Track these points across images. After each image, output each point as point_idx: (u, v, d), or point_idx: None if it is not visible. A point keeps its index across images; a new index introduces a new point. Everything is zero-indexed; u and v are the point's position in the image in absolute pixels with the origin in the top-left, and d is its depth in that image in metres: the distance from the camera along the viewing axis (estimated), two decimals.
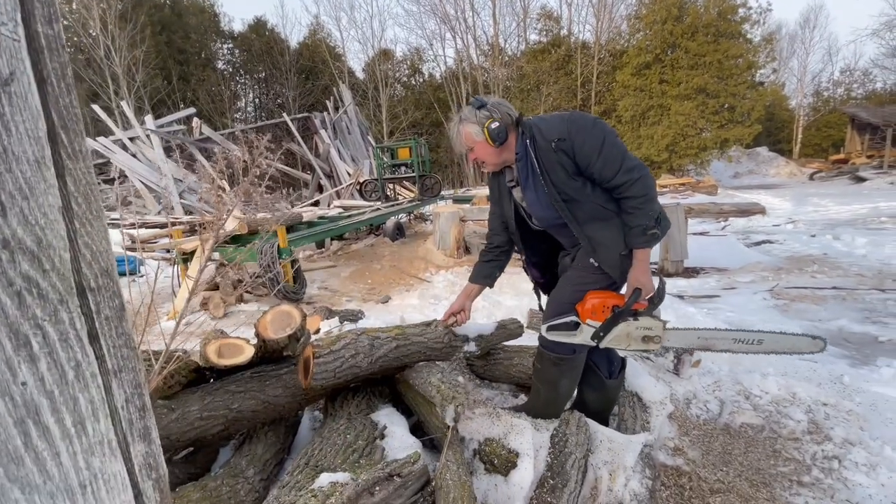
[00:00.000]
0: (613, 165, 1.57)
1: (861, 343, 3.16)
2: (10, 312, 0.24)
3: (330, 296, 5.18)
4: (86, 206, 0.27)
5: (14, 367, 0.24)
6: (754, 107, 19.17)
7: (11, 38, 0.24)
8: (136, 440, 0.30)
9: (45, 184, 0.25)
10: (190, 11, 25.42)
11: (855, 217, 8.70)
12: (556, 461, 1.49)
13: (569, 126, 1.60)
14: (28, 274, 0.24)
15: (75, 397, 0.27)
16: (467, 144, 1.73)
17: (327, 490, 1.10)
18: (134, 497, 0.30)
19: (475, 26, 25.24)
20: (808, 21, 31.94)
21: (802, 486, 1.75)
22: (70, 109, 0.27)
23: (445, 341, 1.93)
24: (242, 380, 1.63)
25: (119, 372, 0.29)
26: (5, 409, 0.24)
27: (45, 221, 0.25)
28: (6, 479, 0.24)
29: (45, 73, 0.26)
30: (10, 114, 0.24)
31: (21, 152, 0.24)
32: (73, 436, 0.27)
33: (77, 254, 0.27)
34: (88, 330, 0.27)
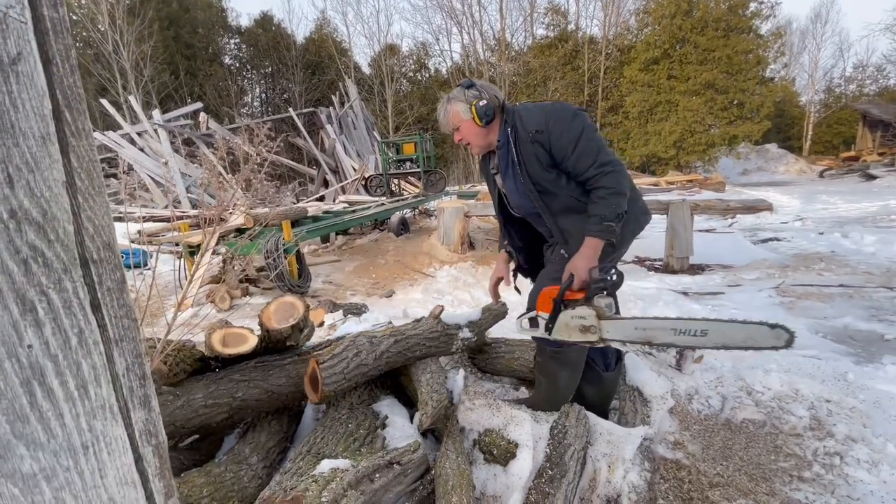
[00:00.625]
0: (587, 159, 1.56)
1: (867, 341, 3.14)
2: (16, 279, 0.25)
3: (334, 290, 5.22)
4: (88, 182, 0.29)
5: (21, 331, 0.25)
6: (764, 103, 18.95)
7: (19, 20, 0.25)
8: (137, 407, 0.32)
9: (49, 159, 0.27)
10: (197, 6, 25.49)
11: (864, 215, 8.60)
12: (554, 452, 1.51)
13: (547, 117, 1.60)
14: (34, 243, 0.26)
15: (78, 362, 0.28)
16: (454, 123, 1.74)
17: (328, 476, 1.12)
18: (134, 461, 0.31)
19: (482, 21, 25.16)
20: (819, 16, 31.49)
21: (803, 481, 1.75)
22: (74, 89, 0.28)
23: (440, 329, 1.97)
24: (246, 369, 1.66)
25: (120, 341, 0.30)
26: (12, 370, 0.25)
27: (49, 194, 0.27)
28: (12, 436, 0.26)
29: (51, 55, 0.27)
30: (17, 91, 0.25)
31: (27, 128, 0.26)
32: (76, 398, 0.28)
33: (80, 227, 0.28)
34: (91, 300, 0.29)
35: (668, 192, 13.77)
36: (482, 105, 1.65)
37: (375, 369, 1.67)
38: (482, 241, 6.88)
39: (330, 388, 1.49)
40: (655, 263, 5.77)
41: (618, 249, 1.77)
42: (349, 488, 1.10)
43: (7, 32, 0.25)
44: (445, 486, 1.23)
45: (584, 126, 1.58)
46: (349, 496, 1.08)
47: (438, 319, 2.05)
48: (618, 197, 1.56)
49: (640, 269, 5.61)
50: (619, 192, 1.56)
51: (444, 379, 1.82)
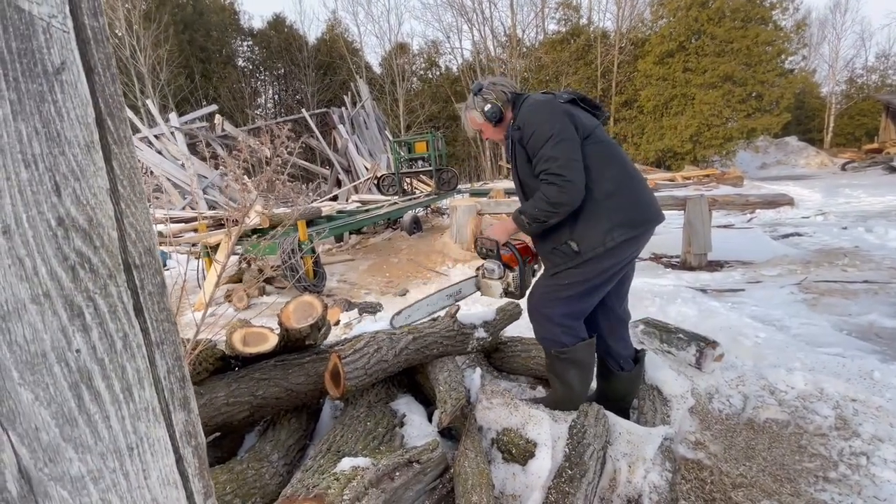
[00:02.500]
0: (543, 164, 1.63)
1: (893, 338, 3.05)
2: (65, 284, 0.26)
3: (349, 289, 5.26)
4: (130, 189, 0.29)
5: (69, 336, 0.26)
6: (783, 94, 18.48)
7: (62, 29, 0.26)
8: (178, 408, 0.32)
9: (94, 167, 0.27)
10: (211, 10, 25.85)
11: (889, 208, 8.34)
12: (574, 452, 1.49)
13: (526, 119, 1.69)
14: (81, 250, 0.26)
15: (123, 366, 0.29)
16: (474, 128, 1.93)
17: (349, 474, 1.13)
18: (175, 461, 0.32)
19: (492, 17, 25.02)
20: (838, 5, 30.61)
21: (828, 482, 1.71)
22: (115, 98, 0.28)
23: (456, 329, 2.02)
24: (266, 368, 1.68)
25: (161, 344, 0.31)
26: (61, 374, 0.26)
27: (94, 202, 0.27)
28: (61, 439, 0.26)
29: (93, 63, 0.27)
30: (62, 100, 0.26)
31: (73, 136, 0.26)
32: (122, 401, 0.29)
33: (123, 233, 0.29)
34: (134, 304, 0.29)
35: (684, 188, 13.54)
36: (488, 109, 1.81)
37: (395, 366, 1.68)
38: None
39: (352, 383, 1.51)
40: (672, 260, 5.68)
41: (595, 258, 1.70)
42: (370, 486, 1.10)
43: (51, 42, 0.25)
44: (465, 485, 1.23)
45: (555, 132, 1.61)
46: (370, 494, 1.09)
47: (455, 319, 2.07)
48: (545, 204, 1.64)
49: (657, 265, 5.53)
50: (550, 202, 1.63)
51: (461, 377, 1.82)
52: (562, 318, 1.80)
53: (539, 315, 1.85)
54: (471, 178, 23.99)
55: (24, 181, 0.24)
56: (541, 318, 1.85)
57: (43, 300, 0.24)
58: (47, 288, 0.25)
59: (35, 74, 0.24)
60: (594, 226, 1.67)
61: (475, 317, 2.23)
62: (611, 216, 1.66)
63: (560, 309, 1.79)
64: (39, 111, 0.25)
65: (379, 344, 1.63)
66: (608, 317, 1.94)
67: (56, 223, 0.25)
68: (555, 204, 1.62)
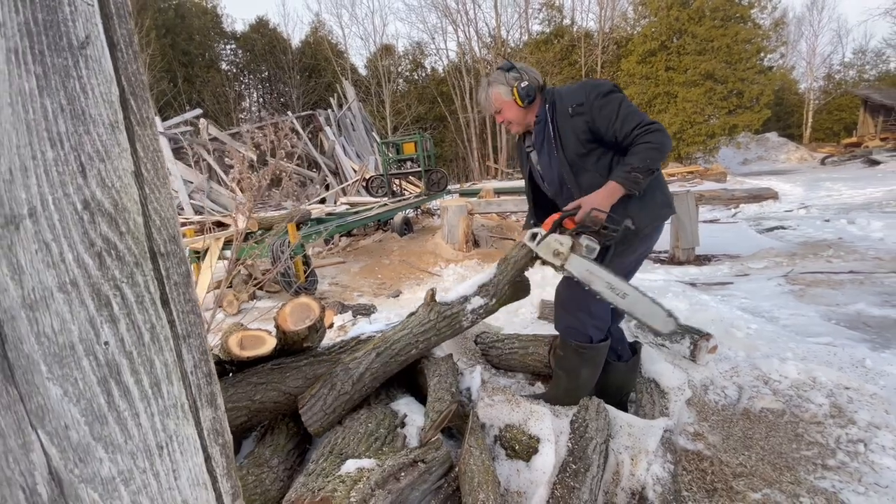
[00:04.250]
0: (633, 121, 1.59)
1: (881, 326, 3.12)
2: (92, 272, 0.24)
3: (341, 291, 5.21)
4: (154, 173, 0.28)
5: (97, 327, 0.24)
6: (763, 91, 18.85)
7: (86, 2, 0.24)
8: (205, 405, 0.31)
9: (118, 147, 0.26)
10: (193, 13, 25.50)
11: (870, 201, 8.55)
12: (577, 446, 1.49)
13: (587, 92, 1.65)
14: (107, 235, 0.25)
15: (151, 359, 0.27)
16: (496, 106, 1.79)
17: (355, 475, 1.11)
18: (204, 460, 0.30)
19: (476, 18, 25.11)
20: (815, 3, 31.32)
21: (828, 469, 1.74)
22: (137, 76, 0.27)
23: (432, 318, 1.79)
24: (263, 372, 1.65)
25: (188, 337, 0.29)
26: (90, 368, 0.24)
27: (119, 185, 0.26)
28: (91, 438, 0.24)
29: (115, 39, 0.26)
30: (86, 76, 0.24)
31: (97, 115, 0.25)
32: (151, 397, 0.27)
33: (148, 219, 0.27)
34: (160, 294, 0.28)
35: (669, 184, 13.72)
36: (524, 86, 1.70)
37: (360, 392, 1.60)
38: (486, 238, 6.86)
39: (315, 427, 1.49)
40: (661, 255, 5.75)
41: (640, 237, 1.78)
42: (376, 487, 1.09)
43: (76, 14, 0.24)
44: (471, 484, 1.22)
45: (622, 97, 1.64)
46: (377, 495, 1.07)
47: (430, 306, 1.82)
48: (655, 152, 1.56)
49: (647, 261, 5.59)
50: (659, 148, 1.55)
51: (451, 381, 1.72)
52: (601, 311, 1.80)
53: (575, 305, 1.79)
54: (459, 179, 24.01)
55: (50, 161, 0.22)
56: (576, 308, 1.79)
57: (70, 288, 0.23)
58: (74, 275, 0.23)
59: (60, 48, 0.23)
60: (649, 201, 1.70)
61: (467, 286, 1.91)
62: (660, 193, 1.74)
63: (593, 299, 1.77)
64: (65, 86, 0.23)
65: (332, 382, 1.55)
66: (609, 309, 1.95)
67: (82, 206, 0.23)
68: (662, 147, 1.55)
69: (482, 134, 24.86)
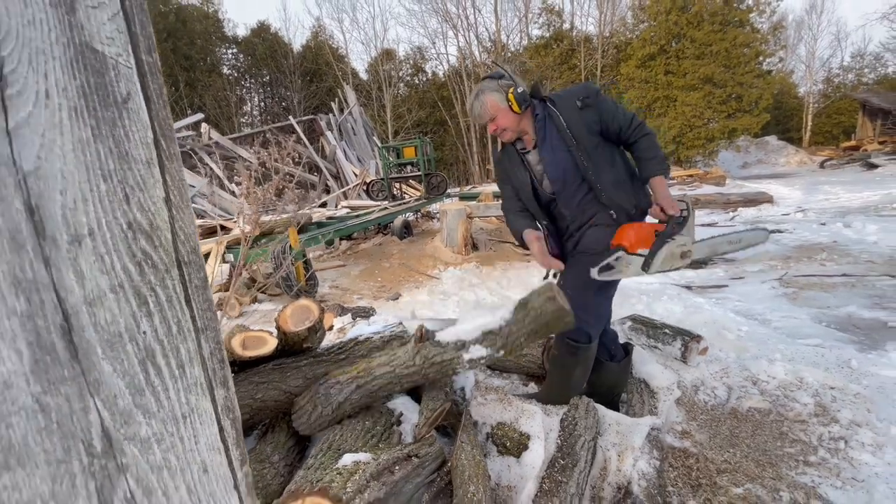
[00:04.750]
0: (629, 114, 1.81)
1: (870, 329, 3.18)
2: (134, 277, 0.31)
3: (341, 294, 5.28)
4: (179, 197, 0.34)
5: (138, 320, 0.31)
6: (762, 95, 18.92)
7: (126, 65, 0.31)
8: (219, 385, 0.37)
9: (153, 179, 0.32)
10: (194, 18, 25.70)
11: (866, 204, 8.60)
12: (565, 443, 1.55)
13: (588, 89, 1.81)
14: (145, 249, 0.31)
15: (177, 347, 0.34)
16: (490, 114, 1.79)
17: (351, 468, 1.18)
18: (218, 430, 0.37)
19: (477, 23, 25.24)
20: (814, 6, 31.49)
21: (809, 465, 1.79)
22: (166, 121, 0.34)
23: (418, 363, 1.57)
24: (265, 372, 1.71)
25: (205, 330, 0.36)
26: (133, 351, 0.31)
27: (154, 209, 0.32)
28: (133, 406, 0.31)
29: (149, 93, 0.33)
30: (128, 125, 0.31)
31: (137, 155, 0.31)
32: (177, 377, 0.34)
33: (175, 235, 0.34)
34: (185, 295, 0.34)
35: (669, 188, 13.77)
36: (519, 92, 1.75)
37: (341, 415, 1.62)
38: (485, 241, 6.93)
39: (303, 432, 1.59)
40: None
41: None
42: (371, 479, 1.15)
43: (119, 76, 0.31)
44: (462, 477, 1.28)
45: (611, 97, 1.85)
46: (372, 487, 1.13)
47: (417, 348, 1.59)
48: (657, 140, 1.82)
49: None
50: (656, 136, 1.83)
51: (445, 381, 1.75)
52: (606, 311, 1.90)
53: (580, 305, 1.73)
54: (459, 183, 24.09)
55: (103, 192, 0.29)
56: (582, 308, 1.76)
57: (118, 290, 0.29)
58: (121, 280, 0.30)
59: (108, 104, 0.30)
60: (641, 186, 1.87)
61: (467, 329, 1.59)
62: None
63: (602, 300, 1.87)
64: (112, 134, 0.30)
65: (315, 402, 1.59)
66: None
67: (127, 227, 0.30)
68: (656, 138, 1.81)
69: (482, 138, 24.98)
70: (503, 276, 5.29)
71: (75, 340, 0.28)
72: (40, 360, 0.26)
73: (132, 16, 0.31)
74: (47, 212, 0.26)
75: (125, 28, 0.30)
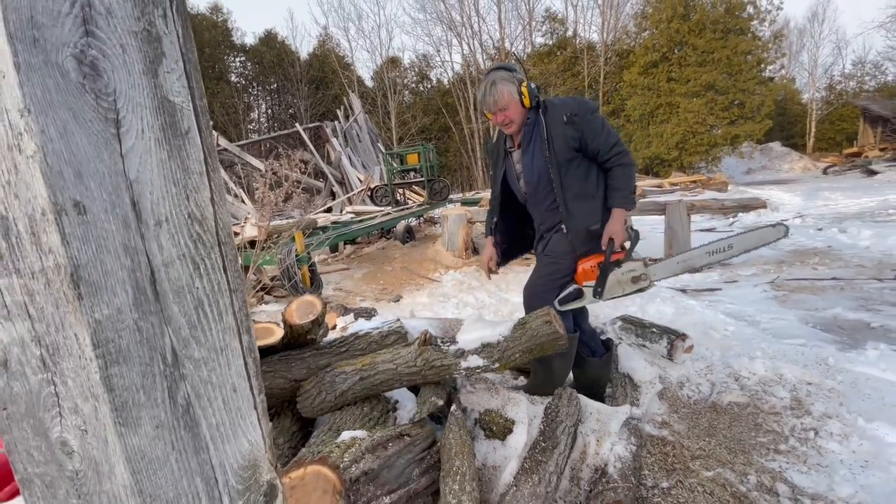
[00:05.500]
0: (611, 140, 1.89)
1: (853, 329, 3.28)
2: (191, 250, 0.45)
3: (344, 296, 5.43)
4: (219, 197, 0.49)
5: (194, 279, 0.46)
6: (764, 102, 19.03)
7: (188, 109, 0.46)
8: (244, 332, 0.52)
9: (203, 185, 0.47)
10: (203, 27, 26.19)
11: (863, 210, 8.68)
12: (547, 428, 1.68)
13: (580, 106, 1.90)
14: (198, 231, 0.46)
15: (217, 300, 0.48)
16: (503, 103, 1.87)
17: (349, 442, 1.32)
18: (244, 364, 0.51)
19: (481, 31, 25.57)
20: (815, 15, 31.62)
21: (778, 453, 1.91)
22: (212, 145, 0.49)
23: (419, 365, 1.71)
24: (271, 362, 1.86)
25: (236, 291, 0.50)
26: (190, 300, 0.45)
27: (204, 205, 0.47)
28: (190, 336, 0.46)
29: (201, 126, 0.47)
30: (188, 148, 0.46)
31: (194, 168, 0.46)
32: (217, 320, 0.48)
33: (217, 223, 0.48)
34: (223, 264, 0.49)
35: (671, 194, 13.89)
36: (532, 88, 1.87)
37: (343, 402, 1.74)
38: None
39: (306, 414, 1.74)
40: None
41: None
42: (366, 452, 1.29)
43: (183, 116, 0.45)
44: (449, 454, 1.42)
45: (604, 118, 1.94)
46: (366, 458, 1.27)
47: (420, 351, 1.73)
48: (633, 173, 1.91)
49: None
50: (633, 168, 1.91)
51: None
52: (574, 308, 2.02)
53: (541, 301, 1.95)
54: (463, 188, 24.28)
55: (174, 193, 0.44)
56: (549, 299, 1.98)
57: (183, 258, 0.44)
58: (184, 251, 0.44)
59: (177, 135, 0.44)
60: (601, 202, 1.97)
61: (468, 338, 1.75)
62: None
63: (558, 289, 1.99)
64: (179, 155, 0.44)
65: (320, 387, 1.73)
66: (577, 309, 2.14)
67: (188, 216, 0.45)
68: (634, 168, 1.90)
69: (486, 144, 25.19)
70: (502, 280, 5.42)
71: (157, 288, 0.42)
72: (138, 297, 0.40)
73: (191, 75, 0.46)
74: (142, 205, 0.41)
75: (186, 84, 0.45)
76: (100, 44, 0.39)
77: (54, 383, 0.41)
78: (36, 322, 0.40)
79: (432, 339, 1.78)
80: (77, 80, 0.38)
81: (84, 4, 0.38)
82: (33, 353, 0.42)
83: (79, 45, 0.37)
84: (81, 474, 0.43)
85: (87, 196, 0.38)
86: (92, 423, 0.41)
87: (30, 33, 0.35)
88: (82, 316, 0.38)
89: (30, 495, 0.46)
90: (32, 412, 0.43)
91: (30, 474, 0.46)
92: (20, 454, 0.45)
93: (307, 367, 1.92)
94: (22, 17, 0.34)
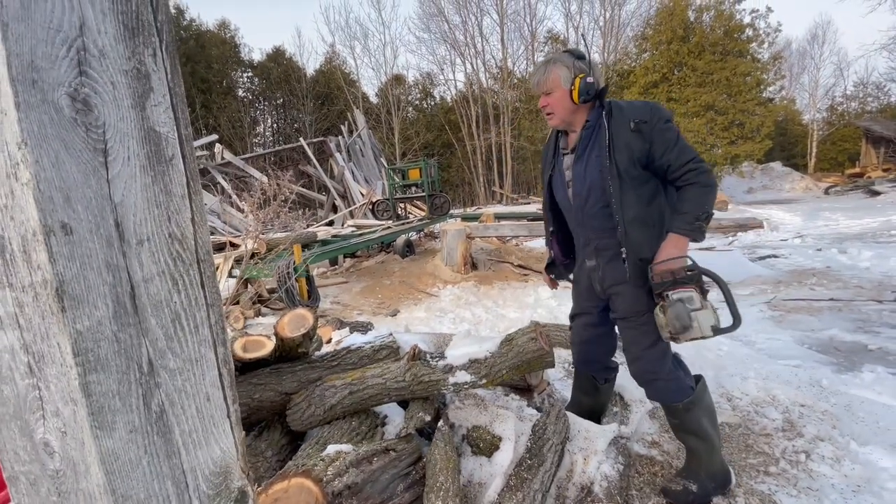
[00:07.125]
0: (687, 154, 1.55)
1: (850, 351, 3.27)
2: (171, 267, 0.49)
3: (342, 309, 5.45)
4: (199, 217, 0.53)
5: (172, 294, 0.49)
6: (764, 122, 19.22)
7: (173, 138, 0.50)
8: (219, 344, 0.55)
9: (184, 207, 0.51)
10: (212, 43, 26.78)
11: (865, 231, 8.69)
12: (534, 445, 1.69)
13: (653, 112, 1.57)
14: (178, 250, 0.50)
15: (194, 314, 0.52)
16: (549, 87, 1.63)
17: (333, 456, 1.33)
18: (218, 375, 0.54)
19: (484, 51, 26.00)
20: (815, 37, 32.06)
21: (768, 475, 1.91)
22: (195, 170, 0.53)
23: (408, 380, 1.71)
24: (262, 374, 1.88)
25: (212, 306, 0.54)
26: (167, 313, 0.49)
27: (184, 225, 0.51)
28: (166, 347, 0.49)
29: (185, 153, 0.52)
30: (171, 174, 0.50)
31: (176, 192, 0.50)
32: (193, 333, 0.51)
33: (196, 242, 0.52)
34: (200, 280, 0.52)
35: None
36: (588, 82, 1.57)
37: (332, 416, 1.75)
38: (484, 261, 7.10)
39: (295, 427, 1.74)
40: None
41: None
42: (350, 466, 1.30)
43: (167, 144, 0.50)
44: (433, 469, 1.43)
45: (678, 129, 1.59)
46: (350, 472, 1.29)
47: (409, 366, 1.74)
48: (710, 195, 1.53)
49: None
50: (712, 190, 1.53)
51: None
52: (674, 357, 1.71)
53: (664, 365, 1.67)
54: (464, 203, 24.43)
55: (156, 215, 0.48)
56: (666, 367, 1.68)
57: (163, 274, 0.48)
58: (164, 268, 0.48)
59: (161, 162, 0.49)
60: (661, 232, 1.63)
61: (457, 354, 1.79)
62: None
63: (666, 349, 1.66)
64: (163, 180, 0.49)
65: (309, 401, 1.74)
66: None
67: (169, 236, 0.49)
68: (713, 189, 1.53)
69: (488, 160, 25.43)
70: (500, 296, 5.44)
71: (136, 303, 0.46)
72: (118, 310, 0.44)
73: (176, 107, 0.51)
74: (125, 225, 0.45)
75: (172, 116, 0.50)
76: (92, 82, 0.43)
77: (39, 388, 0.45)
78: (24, 331, 0.44)
79: (421, 354, 1.81)
80: (70, 116, 0.42)
81: (80, 48, 0.42)
82: (21, 360, 0.45)
83: (73, 85, 0.42)
84: (61, 473, 0.46)
85: (74, 218, 0.42)
86: (71, 425, 0.44)
87: (30, 76, 0.39)
88: (65, 327, 0.42)
89: (16, 492, 0.49)
90: (20, 414, 0.47)
91: (16, 472, 0.49)
92: (8, 453, 0.49)
93: (298, 381, 1.93)
94: (23, 63, 0.39)
